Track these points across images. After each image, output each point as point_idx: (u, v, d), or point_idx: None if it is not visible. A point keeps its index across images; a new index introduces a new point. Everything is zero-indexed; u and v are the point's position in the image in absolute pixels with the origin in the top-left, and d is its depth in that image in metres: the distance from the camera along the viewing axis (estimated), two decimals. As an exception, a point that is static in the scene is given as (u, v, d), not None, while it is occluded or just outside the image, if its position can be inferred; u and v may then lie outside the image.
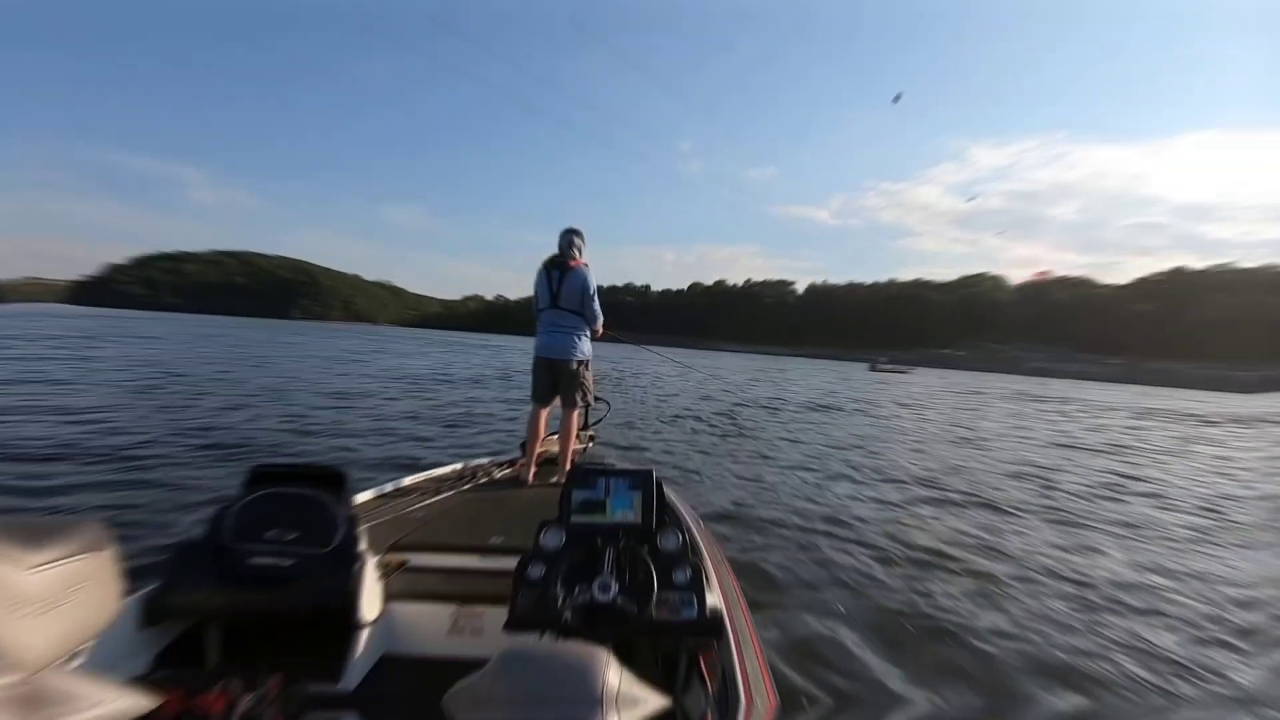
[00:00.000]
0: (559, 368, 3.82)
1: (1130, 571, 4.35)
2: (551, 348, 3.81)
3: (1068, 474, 8.55)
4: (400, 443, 7.80)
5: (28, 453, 5.67)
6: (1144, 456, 11.07)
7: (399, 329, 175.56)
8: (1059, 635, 3.26)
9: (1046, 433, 14.29)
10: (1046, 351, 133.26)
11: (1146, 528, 5.68)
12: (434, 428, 9.28)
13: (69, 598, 0.99)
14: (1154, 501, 7.02)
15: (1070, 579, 4.10)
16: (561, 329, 3.80)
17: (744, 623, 1.77)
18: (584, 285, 3.77)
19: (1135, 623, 3.45)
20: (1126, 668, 2.96)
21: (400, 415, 10.29)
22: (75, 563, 1.00)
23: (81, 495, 4.74)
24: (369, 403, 11.50)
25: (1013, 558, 4.59)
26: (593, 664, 0.75)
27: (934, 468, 8.56)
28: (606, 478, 1.73)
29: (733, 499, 5.84)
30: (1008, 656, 3.03)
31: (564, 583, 1.50)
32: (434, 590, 2.06)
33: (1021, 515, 5.92)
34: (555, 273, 3.79)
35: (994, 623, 3.37)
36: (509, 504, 3.17)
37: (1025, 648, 3.12)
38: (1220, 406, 35.12)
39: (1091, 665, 2.96)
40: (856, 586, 3.79)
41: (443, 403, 12.11)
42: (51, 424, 7.29)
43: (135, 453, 6.18)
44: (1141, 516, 6.16)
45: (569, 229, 3.87)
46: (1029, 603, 3.72)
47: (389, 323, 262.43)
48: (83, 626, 1.03)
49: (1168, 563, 4.61)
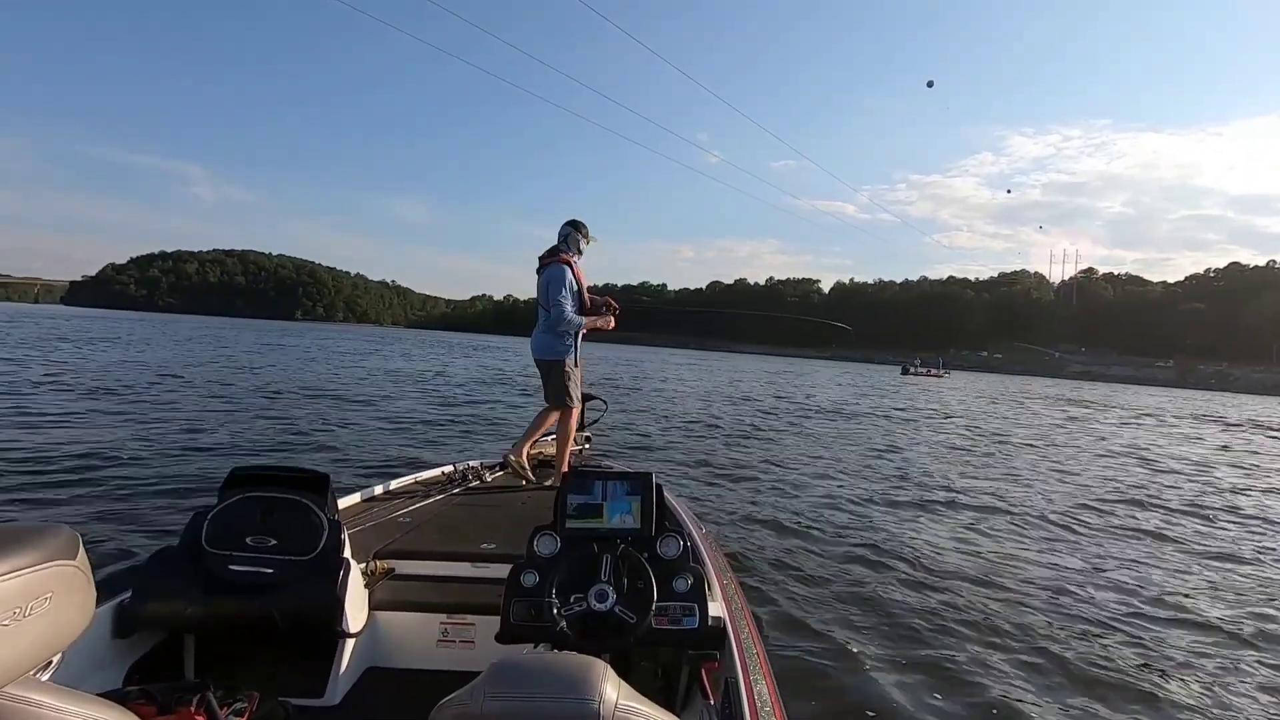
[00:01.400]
0: (540, 367, 3.93)
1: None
2: (534, 346, 3.95)
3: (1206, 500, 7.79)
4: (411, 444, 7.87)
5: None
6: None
7: (406, 330, 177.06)
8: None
9: (1135, 448, 13.52)
10: (1091, 354, 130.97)
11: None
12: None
13: (36, 608, 0.99)
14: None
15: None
16: (540, 327, 3.93)
17: (749, 634, 1.76)
18: (549, 283, 3.83)
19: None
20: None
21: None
22: (43, 571, 0.99)
23: (52, 502, 4.82)
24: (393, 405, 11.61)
25: (1061, 571, 4.51)
26: (589, 677, 0.74)
27: (980, 478, 8.45)
28: (603, 481, 1.72)
29: (759, 510, 5.80)
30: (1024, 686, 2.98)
31: (559, 591, 1.50)
32: (422, 599, 2.06)
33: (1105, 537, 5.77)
34: (539, 268, 3.93)
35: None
36: (501, 509, 3.17)
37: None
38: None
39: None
40: (876, 603, 3.75)
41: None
42: (22, 429, 7.46)
43: (110, 455, 6.30)
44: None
45: (567, 221, 3.94)
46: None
47: (394, 324, 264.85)
48: (51, 638, 1.03)
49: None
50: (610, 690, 0.73)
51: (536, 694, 0.72)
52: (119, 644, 1.65)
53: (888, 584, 4.05)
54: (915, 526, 5.61)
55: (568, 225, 3.96)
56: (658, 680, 1.70)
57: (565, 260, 3.87)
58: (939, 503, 6.71)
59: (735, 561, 3.74)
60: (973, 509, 6.59)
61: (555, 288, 3.79)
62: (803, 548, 4.69)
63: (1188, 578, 4.62)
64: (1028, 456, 10.68)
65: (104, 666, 1.61)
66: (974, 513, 6.36)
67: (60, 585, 1.06)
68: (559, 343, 3.88)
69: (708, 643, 1.55)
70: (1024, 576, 4.38)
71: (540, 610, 1.49)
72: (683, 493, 5.72)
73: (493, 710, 0.71)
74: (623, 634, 1.46)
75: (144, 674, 1.65)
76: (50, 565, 1.03)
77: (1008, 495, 7.37)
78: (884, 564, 4.46)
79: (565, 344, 3.88)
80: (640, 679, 1.57)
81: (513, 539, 2.45)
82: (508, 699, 0.72)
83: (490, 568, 2.26)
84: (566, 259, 3.89)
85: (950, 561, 4.58)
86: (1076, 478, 8.74)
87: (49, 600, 1.05)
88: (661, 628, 1.51)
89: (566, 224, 3.96)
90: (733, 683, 1.48)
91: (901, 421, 15.87)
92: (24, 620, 1.00)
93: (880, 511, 6.05)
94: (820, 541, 4.89)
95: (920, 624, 3.50)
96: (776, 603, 3.66)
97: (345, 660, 1.78)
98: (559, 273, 3.82)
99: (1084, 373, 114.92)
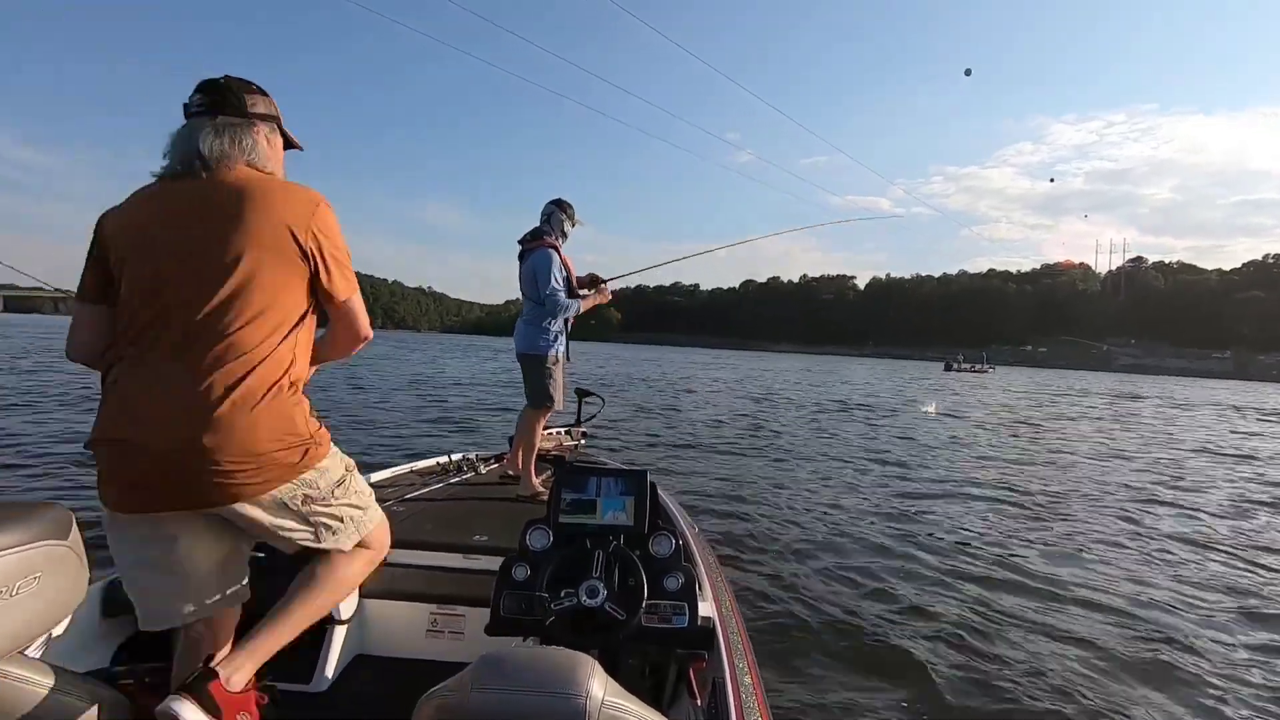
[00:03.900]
0: (522, 362, 3.62)
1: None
2: (516, 340, 3.62)
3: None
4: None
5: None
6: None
7: (441, 335, 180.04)
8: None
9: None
10: (1142, 346, 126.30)
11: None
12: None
13: (24, 588, 1.01)
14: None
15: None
16: (522, 318, 3.61)
17: (738, 634, 1.73)
18: (535, 270, 3.47)
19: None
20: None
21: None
22: (31, 550, 1.01)
23: (46, 480, 4.97)
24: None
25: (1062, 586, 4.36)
26: (577, 672, 0.73)
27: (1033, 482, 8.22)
28: (598, 477, 1.72)
29: (755, 510, 5.70)
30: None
31: (550, 586, 1.50)
32: (412, 589, 2.07)
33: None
34: (521, 254, 3.61)
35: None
36: (494, 501, 3.16)
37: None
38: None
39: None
40: (868, 607, 3.67)
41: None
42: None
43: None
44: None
45: (552, 200, 3.64)
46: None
47: (430, 329, 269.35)
48: (39, 617, 1.04)
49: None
50: (598, 686, 0.73)
51: (524, 687, 0.72)
52: (108, 623, 1.67)
53: (882, 588, 3.95)
54: (922, 527, 5.45)
55: (551, 204, 3.62)
56: (645, 678, 1.69)
57: (551, 244, 3.61)
58: (954, 502, 6.52)
59: (727, 561, 3.70)
60: (991, 506, 6.42)
61: (544, 274, 3.45)
62: (797, 549, 4.60)
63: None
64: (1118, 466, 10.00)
65: (93, 645, 1.64)
66: (994, 513, 6.19)
67: (49, 565, 1.05)
68: (542, 336, 3.54)
69: (697, 642, 1.53)
70: (1027, 580, 4.21)
71: (530, 604, 1.49)
72: (677, 490, 5.68)
73: (480, 702, 0.72)
74: (612, 631, 1.45)
75: (132, 654, 1.68)
76: (39, 545, 1.04)
77: (1059, 497, 7.13)
78: (882, 567, 4.35)
79: (550, 338, 3.55)
80: (628, 676, 1.56)
81: (505, 532, 2.45)
82: (495, 691, 0.72)
83: (482, 559, 2.26)
84: (552, 243, 3.56)
85: (954, 564, 4.44)
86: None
87: (37, 580, 1.03)
88: (651, 625, 1.50)
89: (550, 203, 3.63)
90: (720, 682, 1.45)
91: (950, 422, 15.12)
92: (10, 599, 1.00)
93: (884, 514, 5.86)
94: (817, 543, 4.79)
95: (915, 627, 3.43)
96: (766, 603, 3.61)
97: (334, 647, 1.81)
98: (546, 258, 3.48)
99: (1135, 366, 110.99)
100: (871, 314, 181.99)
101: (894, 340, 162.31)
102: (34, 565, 1.01)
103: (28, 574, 1.00)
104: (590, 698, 0.71)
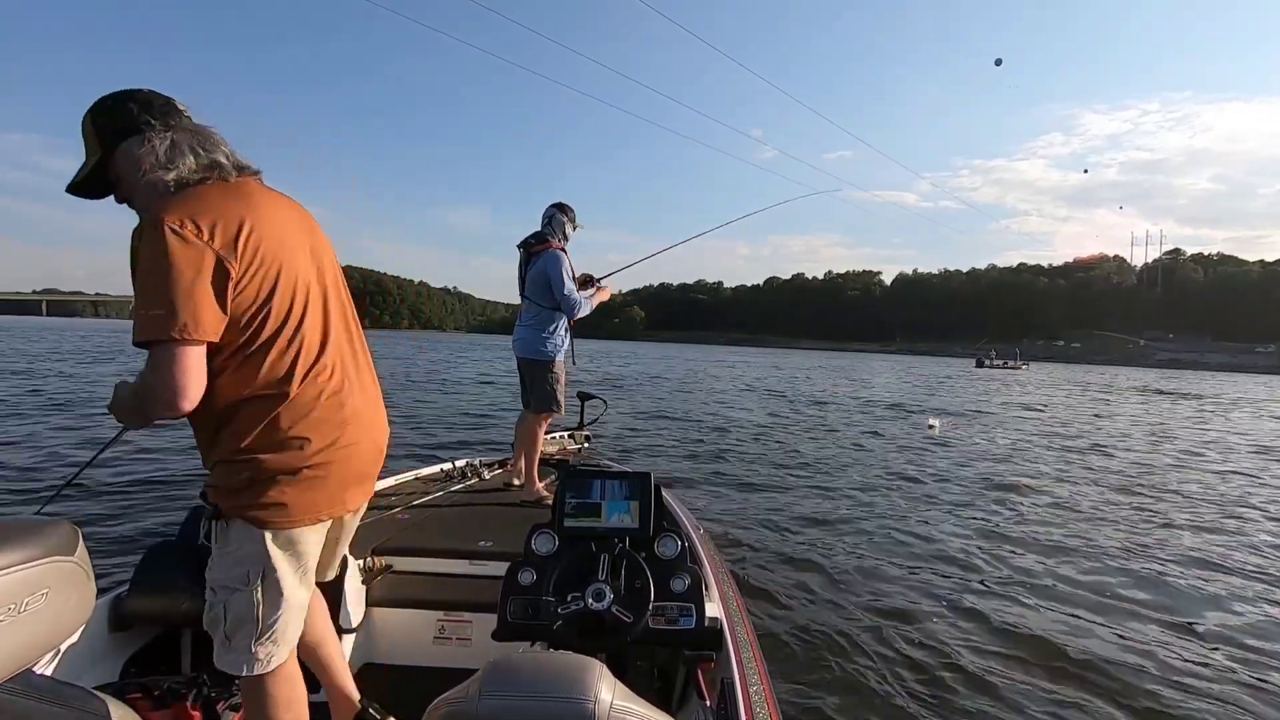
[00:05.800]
0: (523, 365, 3.61)
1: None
2: (516, 342, 3.60)
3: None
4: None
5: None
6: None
7: (466, 335, 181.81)
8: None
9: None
10: (1180, 340, 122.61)
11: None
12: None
13: (32, 604, 1.01)
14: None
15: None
16: (525, 322, 3.57)
17: (746, 635, 1.72)
18: (545, 274, 3.44)
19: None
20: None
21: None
22: (39, 567, 1.02)
23: (56, 491, 5.02)
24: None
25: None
26: (585, 677, 0.73)
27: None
28: (602, 480, 1.72)
29: (761, 512, 5.61)
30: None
31: (556, 590, 1.50)
32: (419, 596, 2.09)
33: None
34: (525, 257, 3.59)
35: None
36: (499, 506, 3.16)
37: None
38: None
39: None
40: (878, 607, 3.62)
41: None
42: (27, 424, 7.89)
43: (107, 453, 6.64)
44: None
45: (553, 204, 3.63)
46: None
47: (456, 329, 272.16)
48: (48, 633, 1.05)
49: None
50: (606, 690, 0.72)
51: (532, 693, 0.72)
52: (116, 637, 1.69)
53: (894, 591, 3.87)
54: (932, 530, 5.32)
55: (552, 208, 3.59)
56: (654, 680, 1.69)
57: (559, 247, 3.53)
58: (975, 505, 6.36)
59: (734, 562, 3.66)
60: (1014, 508, 6.27)
61: (558, 277, 3.41)
62: (805, 550, 4.53)
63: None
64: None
65: (101, 659, 1.66)
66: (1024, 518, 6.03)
67: (57, 581, 1.05)
68: (549, 340, 3.50)
69: (704, 643, 1.52)
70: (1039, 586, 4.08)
71: (537, 609, 1.49)
72: (683, 493, 5.63)
73: (488, 708, 0.71)
74: (619, 634, 1.45)
75: (141, 667, 1.70)
76: (47, 561, 1.03)
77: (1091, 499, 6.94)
78: (890, 568, 4.26)
79: (555, 342, 3.51)
80: (636, 679, 1.55)
81: (510, 537, 2.45)
82: (503, 697, 0.72)
83: (488, 565, 2.27)
84: (559, 246, 3.54)
85: (969, 570, 4.32)
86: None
87: (45, 596, 1.02)
88: (658, 628, 1.49)
89: (551, 206, 3.60)
90: (729, 684, 1.44)
91: (992, 423, 14.23)
92: (18, 616, 1.02)
93: (892, 515, 5.72)
94: (825, 546, 4.71)
95: (926, 629, 3.36)
96: (775, 604, 3.57)
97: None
98: (556, 260, 3.44)
99: (1173, 360, 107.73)
100: (898, 310, 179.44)
101: (923, 336, 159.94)
102: (42, 581, 1.02)
103: (36, 590, 1.00)
104: (599, 702, 0.71)
